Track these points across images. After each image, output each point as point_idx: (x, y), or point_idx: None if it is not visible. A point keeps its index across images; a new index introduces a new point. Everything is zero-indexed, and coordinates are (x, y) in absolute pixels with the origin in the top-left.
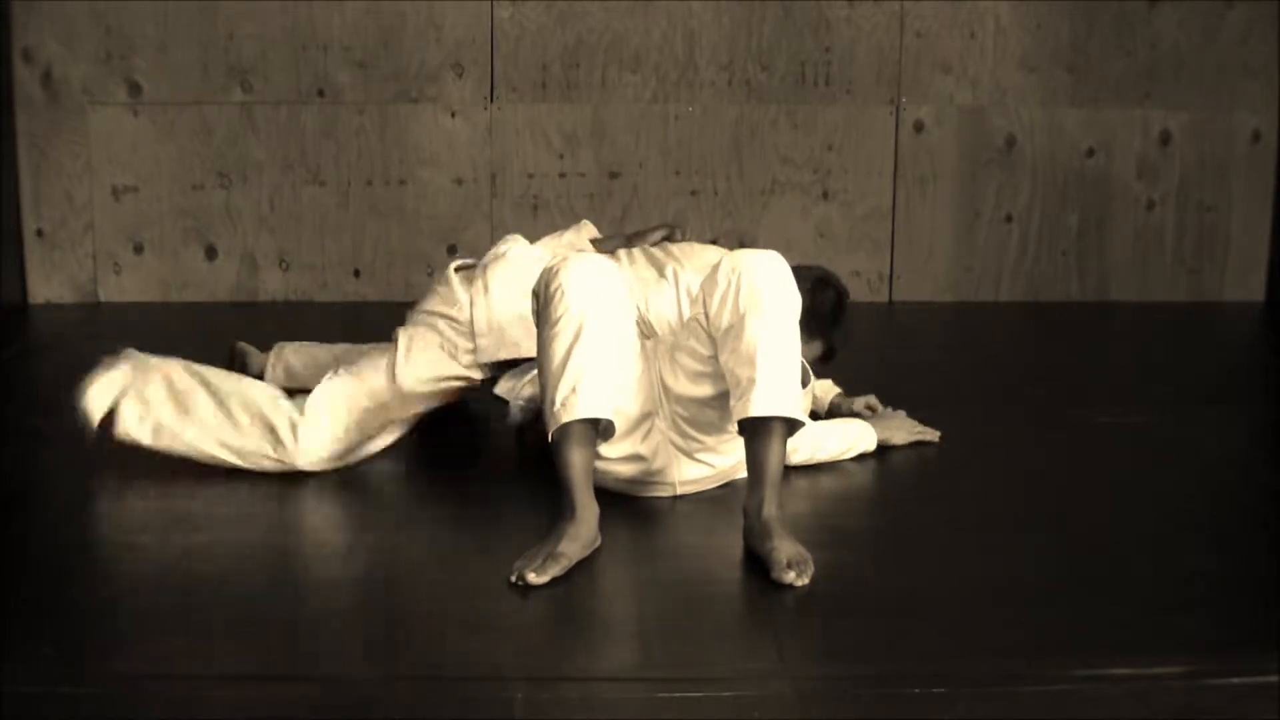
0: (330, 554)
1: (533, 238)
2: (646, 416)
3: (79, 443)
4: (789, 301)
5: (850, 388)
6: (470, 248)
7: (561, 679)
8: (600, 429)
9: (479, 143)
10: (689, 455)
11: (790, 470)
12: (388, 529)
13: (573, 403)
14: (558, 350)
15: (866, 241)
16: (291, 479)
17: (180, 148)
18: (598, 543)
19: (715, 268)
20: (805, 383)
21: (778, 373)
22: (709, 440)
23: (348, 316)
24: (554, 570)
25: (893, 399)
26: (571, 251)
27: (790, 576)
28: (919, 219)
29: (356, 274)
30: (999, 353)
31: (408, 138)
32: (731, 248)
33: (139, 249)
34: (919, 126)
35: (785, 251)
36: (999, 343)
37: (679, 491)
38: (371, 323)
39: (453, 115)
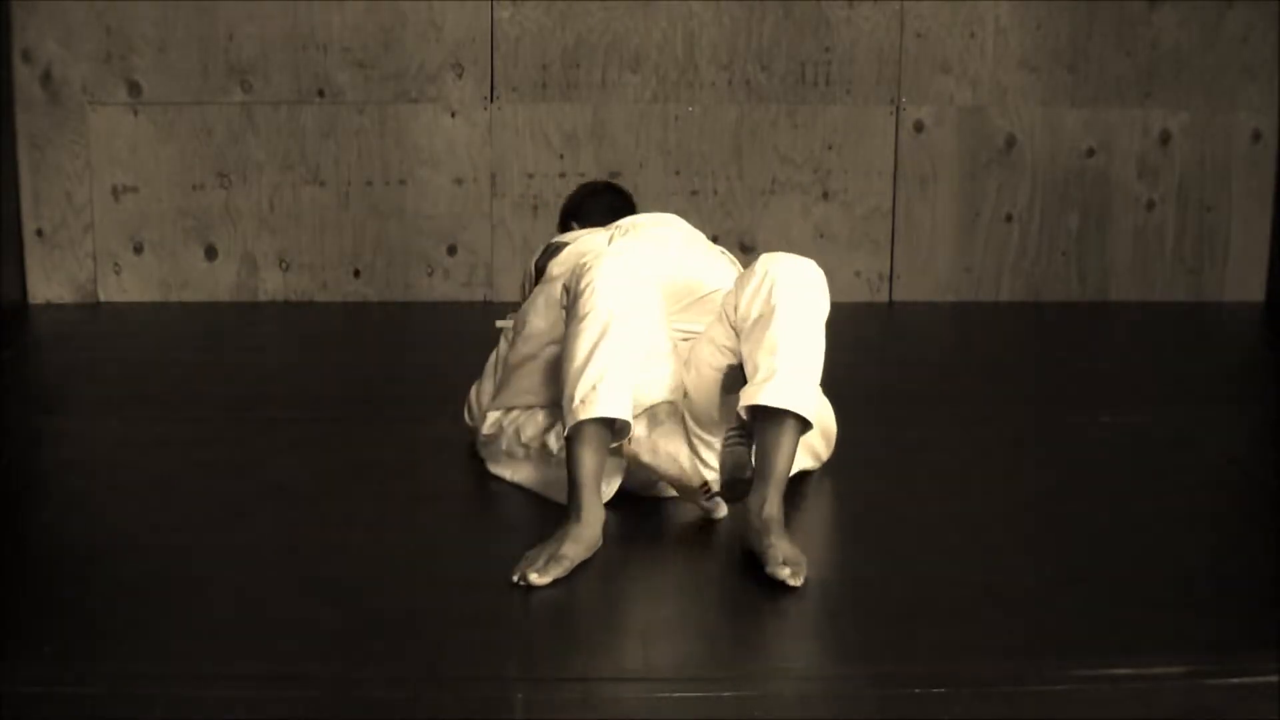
0: (330, 553)
1: (533, 238)
2: (675, 414)
3: (78, 442)
4: (820, 306)
5: (850, 388)
6: (470, 248)
7: (562, 679)
8: (615, 430)
9: (479, 143)
10: (707, 449)
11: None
12: (388, 528)
13: (592, 400)
14: (581, 347)
15: (866, 241)
16: (291, 478)
17: (180, 148)
18: (599, 545)
19: (750, 265)
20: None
21: (799, 369)
22: (718, 441)
23: (348, 316)
24: (556, 572)
25: (893, 399)
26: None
27: (785, 573)
28: (919, 219)
29: (356, 274)
30: (999, 353)
31: (408, 138)
32: (731, 248)
33: (139, 249)
34: (919, 126)
35: (785, 251)
36: (999, 343)
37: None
38: (372, 323)
39: (453, 115)
